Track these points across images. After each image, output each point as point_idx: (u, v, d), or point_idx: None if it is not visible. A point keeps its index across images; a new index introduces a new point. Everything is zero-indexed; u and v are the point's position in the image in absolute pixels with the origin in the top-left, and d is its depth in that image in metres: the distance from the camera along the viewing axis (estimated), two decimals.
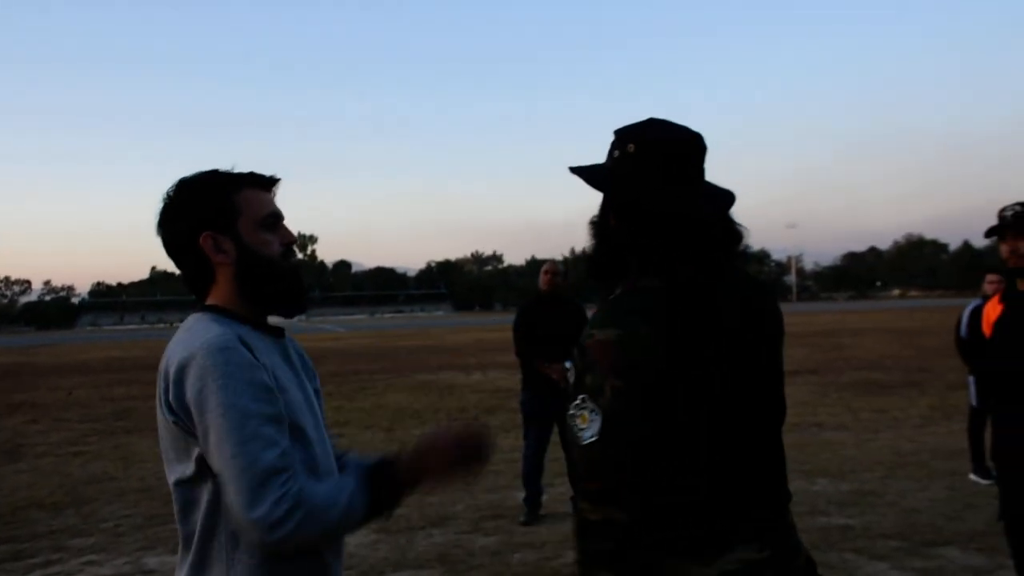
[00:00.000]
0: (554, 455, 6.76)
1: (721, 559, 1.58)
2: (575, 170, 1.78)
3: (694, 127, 1.77)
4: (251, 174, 1.84)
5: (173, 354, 1.68)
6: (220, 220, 1.77)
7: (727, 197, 1.76)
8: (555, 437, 6.51)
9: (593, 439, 1.56)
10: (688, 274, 1.66)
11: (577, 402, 1.61)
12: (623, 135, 1.75)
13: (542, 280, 6.62)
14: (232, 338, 1.66)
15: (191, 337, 1.68)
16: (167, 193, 1.81)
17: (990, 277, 7.29)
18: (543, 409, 6.40)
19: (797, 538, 1.74)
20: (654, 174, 1.69)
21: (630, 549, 1.56)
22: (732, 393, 1.63)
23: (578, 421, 1.60)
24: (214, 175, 1.83)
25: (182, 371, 1.63)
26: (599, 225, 1.79)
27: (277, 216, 1.85)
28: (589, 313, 6.33)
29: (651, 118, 1.77)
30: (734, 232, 1.75)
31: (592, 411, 1.57)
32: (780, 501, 1.72)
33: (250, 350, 1.67)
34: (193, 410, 1.62)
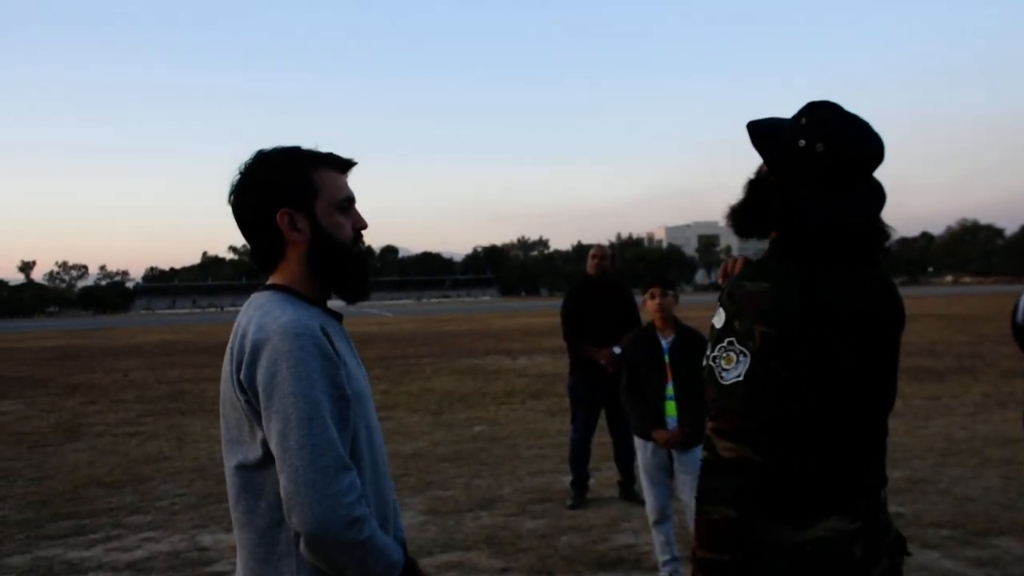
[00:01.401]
0: (601, 439, 6.76)
1: (815, 526, 1.66)
2: (754, 133, 1.81)
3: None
4: (330, 155, 1.81)
5: (246, 333, 1.64)
6: (299, 198, 1.74)
7: (883, 196, 1.80)
8: (602, 421, 6.52)
9: (738, 379, 1.64)
10: (832, 261, 1.73)
11: (723, 344, 1.68)
12: (817, 128, 1.73)
13: (590, 264, 6.61)
14: (311, 325, 1.63)
15: (265, 316, 1.65)
16: (245, 164, 1.77)
17: None
18: (590, 393, 6.41)
19: (888, 516, 1.82)
20: (831, 179, 1.72)
21: (759, 490, 1.62)
22: (856, 371, 1.72)
23: (723, 362, 1.67)
24: (295, 151, 1.79)
25: (256, 351, 1.60)
26: (755, 186, 1.84)
27: (352, 200, 1.82)
28: (637, 297, 6.31)
29: (850, 116, 1.75)
30: (882, 233, 1.81)
31: (740, 353, 1.65)
32: (877, 480, 1.80)
33: (328, 338, 1.65)
34: (261, 393, 1.58)
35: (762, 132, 1.81)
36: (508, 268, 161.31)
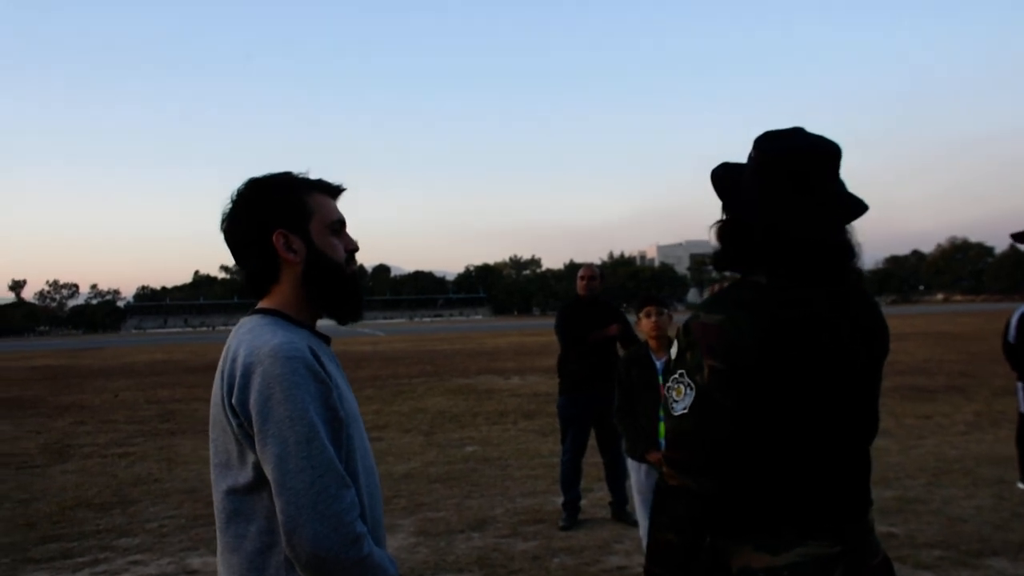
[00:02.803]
0: (592, 460, 6.74)
1: (790, 552, 1.65)
2: (713, 172, 1.84)
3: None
4: (320, 180, 1.86)
5: (236, 356, 1.65)
6: (294, 220, 1.78)
7: (851, 210, 1.75)
8: (593, 442, 6.50)
9: (684, 411, 1.67)
10: (792, 281, 1.71)
11: (676, 376, 1.72)
12: (755, 143, 1.77)
13: (579, 285, 6.62)
14: (301, 347, 1.64)
15: (255, 340, 1.65)
16: (238, 191, 1.82)
17: None
18: (580, 414, 6.40)
19: (875, 539, 1.80)
20: (774, 186, 1.71)
21: (701, 520, 1.65)
22: (826, 398, 1.69)
23: (674, 393, 1.71)
24: (288, 176, 1.84)
25: (248, 375, 1.60)
26: (723, 222, 1.84)
27: (343, 222, 1.87)
28: (631, 317, 6.31)
29: (794, 128, 1.76)
30: (845, 247, 1.76)
31: (688, 386, 1.68)
32: (860, 505, 1.77)
33: (317, 359, 1.65)
34: (255, 417, 1.58)
35: (720, 168, 1.84)
36: (500, 287, 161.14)
